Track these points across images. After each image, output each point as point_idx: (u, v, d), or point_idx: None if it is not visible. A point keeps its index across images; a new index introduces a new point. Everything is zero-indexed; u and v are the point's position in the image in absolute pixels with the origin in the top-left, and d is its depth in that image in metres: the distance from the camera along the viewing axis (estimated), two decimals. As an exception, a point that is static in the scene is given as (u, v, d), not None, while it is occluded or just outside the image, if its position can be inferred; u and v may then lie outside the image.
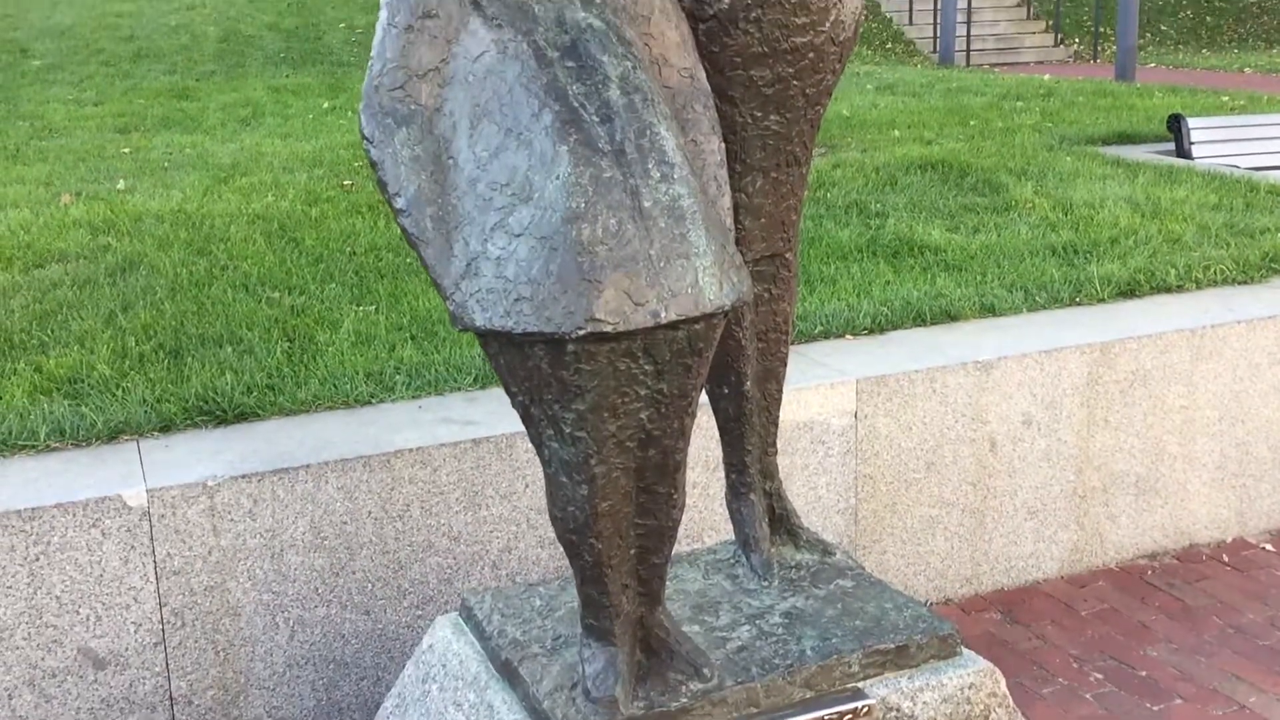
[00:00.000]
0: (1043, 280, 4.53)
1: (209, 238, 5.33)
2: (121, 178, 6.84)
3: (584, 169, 1.83)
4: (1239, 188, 6.01)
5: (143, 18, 14.69)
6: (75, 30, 13.92)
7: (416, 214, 1.90)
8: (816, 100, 2.34)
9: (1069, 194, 5.98)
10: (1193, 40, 17.97)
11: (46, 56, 12.71)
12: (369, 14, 15.77)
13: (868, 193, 6.25)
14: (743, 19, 2.18)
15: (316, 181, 6.67)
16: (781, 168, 2.37)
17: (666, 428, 1.99)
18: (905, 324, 4.19)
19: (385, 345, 3.96)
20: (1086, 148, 7.51)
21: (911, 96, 10.59)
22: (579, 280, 1.79)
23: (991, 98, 10.25)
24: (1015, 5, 19.22)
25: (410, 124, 1.93)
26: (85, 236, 5.30)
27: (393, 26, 1.95)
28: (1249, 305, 4.28)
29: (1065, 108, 9.47)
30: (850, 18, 2.32)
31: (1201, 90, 10.51)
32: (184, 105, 10.24)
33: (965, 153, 7.19)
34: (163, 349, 3.88)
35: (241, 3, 15.79)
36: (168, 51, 13.23)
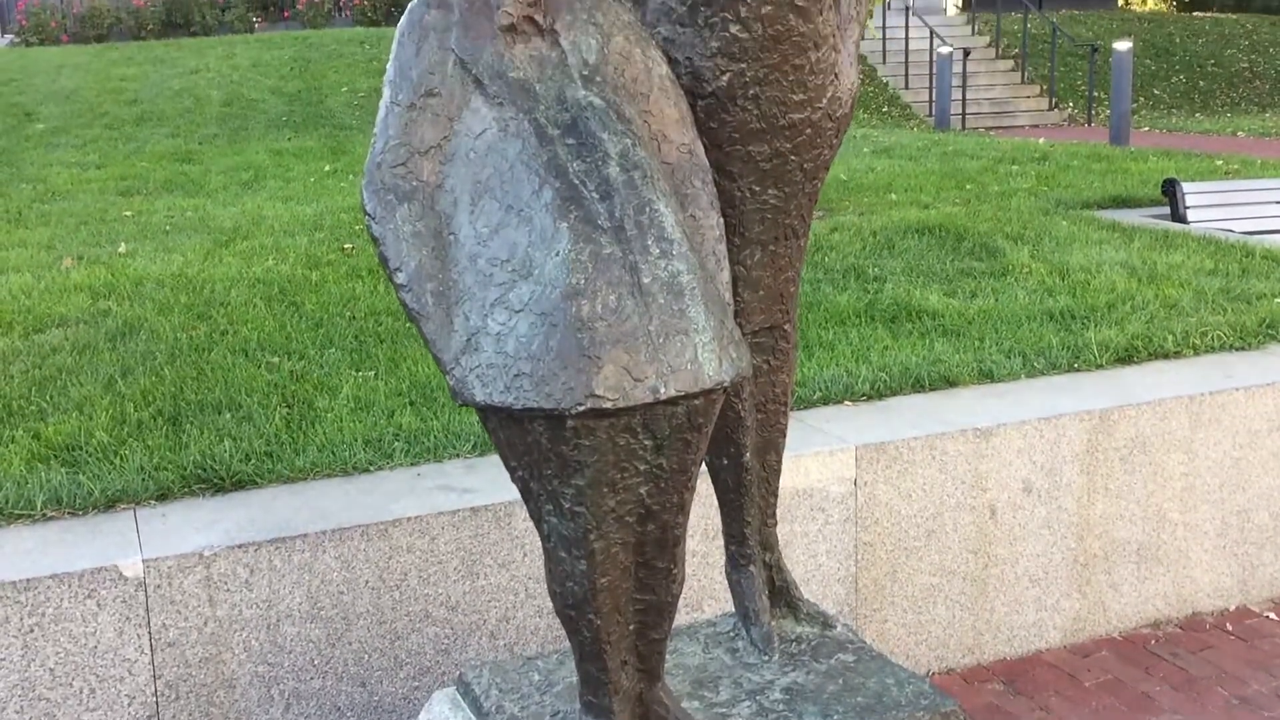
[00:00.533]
0: (1041, 346, 4.54)
1: (209, 302, 5.35)
2: (123, 241, 6.88)
3: (584, 246, 1.84)
4: (1235, 253, 6.04)
5: (147, 82, 14.84)
6: (80, 94, 14.06)
7: (417, 289, 1.91)
8: (814, 174, 2.36)
9: (1065, 259, 6.02)
10: (1186, 104, 18.16)
11: (51, 120, 12.83)
12: (371, 78, 15.94)
13: (865, 257, 6.28)
14: (741, 96, 2.20)
15: (317, 245, 6.70)
16: (780, 241, 2.38)
17: (666, 502, 1.99)
18: (904, 390, 4.19)
19: (384, 411, 3.96)
20: (1082, 212, 7.57)
21: (908, 160, 10.68)
22: (579, 356, 1.80)
23: (987, 161, 10.34)
24: (1010, 70, 19.44)
25: (412, 200, 1.95)
26: (86, 301, 5.31)
27: (395, 105, 1.98)
28: (1247, 372, 4.29)
29: (1060, 171, 9.55)
30: (847, 94, 2.34)
31: (1195, 154, 10.61)
32: (186, 168, 10.32)
33: (962, 217, 7.24)
34: (161, 415, 3.88)
35: (245, 67, 15.96)
36: (171, 115, 13.35)
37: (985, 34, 20.33)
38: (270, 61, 16.32)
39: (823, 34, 2.24)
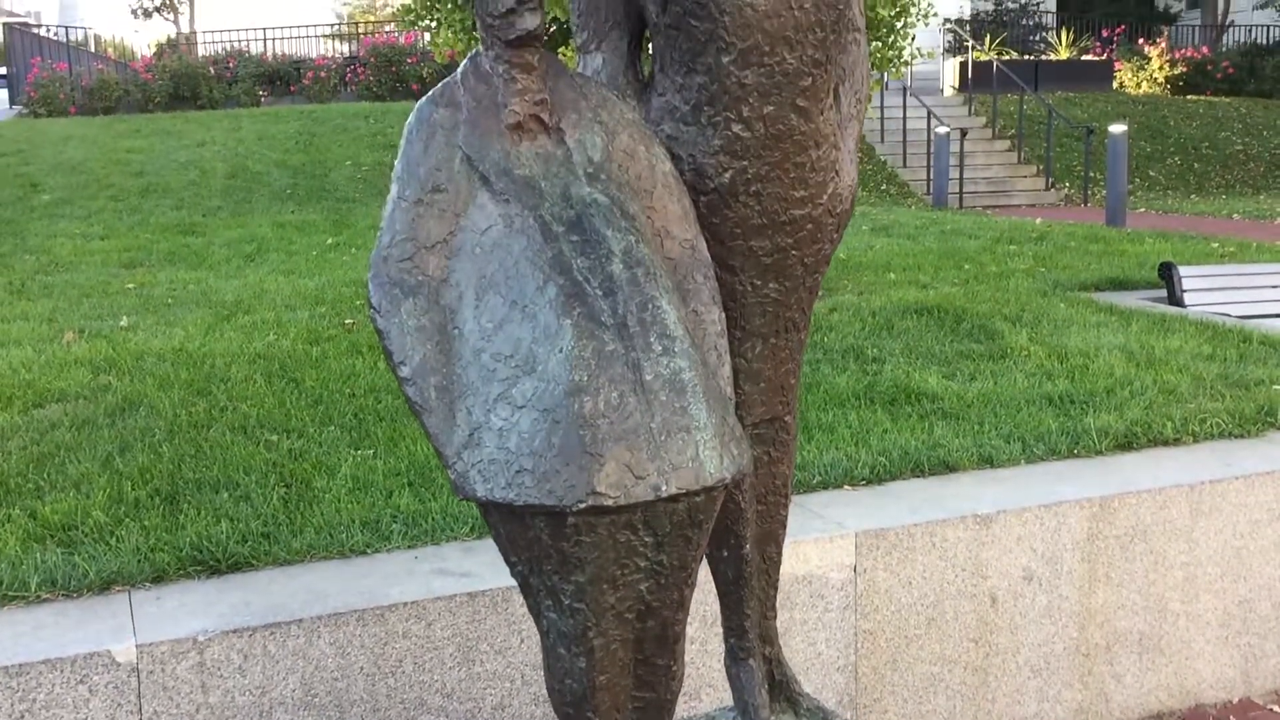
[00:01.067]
0: (1040, 431, 4.54)
1: (209, 378, 5.35)
2: (125, 315, 6.91)
3: (587, 342, 1.85)
4: (1232, 338, 6.07)
5: (153, 154, 15.00)
6: (86, 166, 14.20)
7: (421, 383, 1.92)
8: (815, 269, 2.38)
9: (1064, 341, 6.04)
10: (1181, 186, 18.34)
11: (56, 191, 12.94)
12: (375, 152, 16.13)
13: (865, 337, 6.30)
14: (743, 192, 2.23)
15: (318, 320, 6.73)
16: (780, 333, 2.40)
17: (666, 599, 1.98)
18: (904, 474, 4.19)
19: (382, 492, 3.95)
20: (1080, 294, 7.61)
21: (907, 239, 10.77)
22: (581, 453, 1.80)
23: (985, 241, 10.42)
24: (1007, 150, 19.67)
25: (417, 294, 1.96)
26: (86, 375, 5.32)
27: (402, 200, 2.00)
28: (1246, 460, 4.29)
29: (1058, 252, 9.62)
30: (847, 190, 2.37)
31: (1191, 236, 10.70)
32: (190, 241, 10.39)
33: (961, 297, 7.28)
34: (159, 494, 3.87)
35: (250, 140, 16.15)
36: (176, 187, 13.47)
37: (982, 114, 20.60)
38: (275, 135, 16.51)
39: (823, 133, 2.27)
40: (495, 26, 2.02)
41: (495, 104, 2.05)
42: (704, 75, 2.17)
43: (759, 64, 2.14)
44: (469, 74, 2.08)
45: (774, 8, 2.11)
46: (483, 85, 2.06)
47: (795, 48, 2.15)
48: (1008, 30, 25.08)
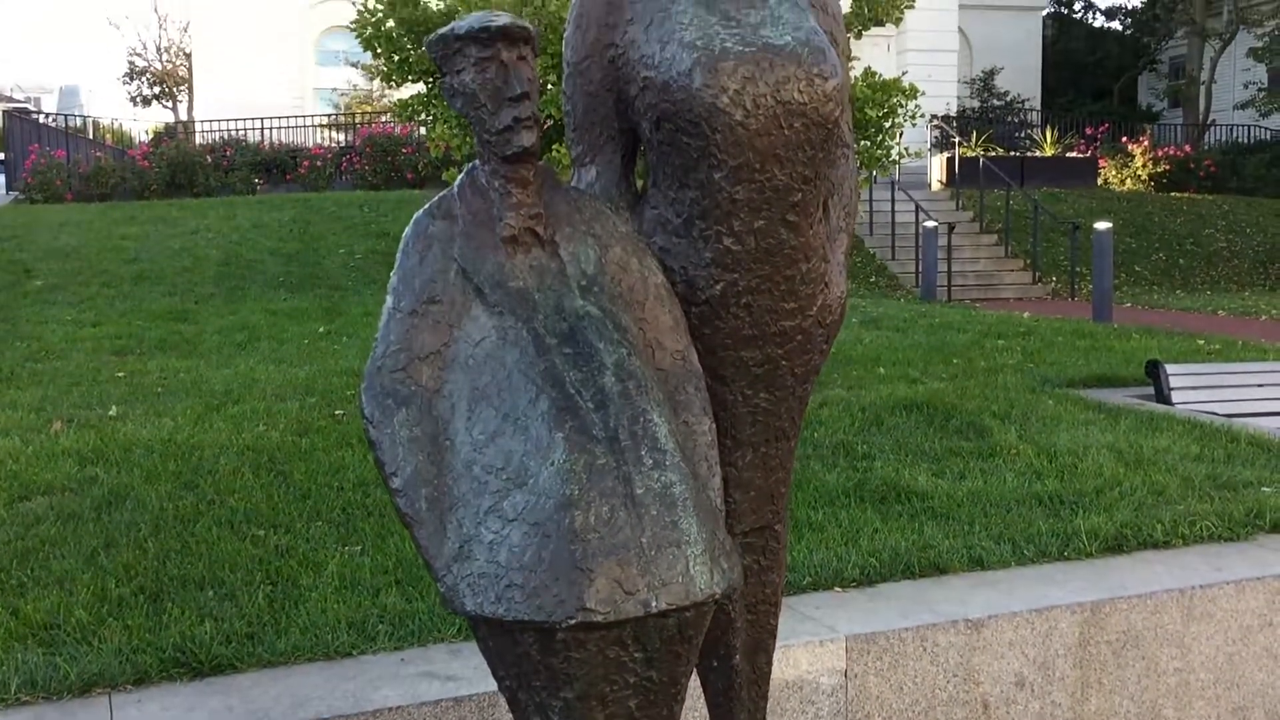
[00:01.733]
0: (1030, 532, 4.53)
1: (197, 470, 5.33)
2: (114, 404, 6.89)
3: (578, 455, 1.86)
4: (1220, 437, 6.09)
5: (147, 240, 15.09)
6: (80, 252, 14.27)
7: (411, 494, 1.92)
8: (805, 379, 2.40)
9: (1053, 440, 6.06)
10: (1166, 281, 18.55)
11: (49, 277, 12.99)
12: (369, 240, 16.24)
13: (855, 433, 6.31)
14: (734, 304, 2.26)
15: (308, 410, 6.72)
16: (770, 442, 2.41)
17: (654, 715, 1.96)
18: (894, 576, 4.17)
19: (369, 590, 3.91)
20: (1068, 390, 7.65)
21: (896, 331, 10.83)
22: (571, 568, 1.80)
23: (974, 335, 10.49)
24: (994, 244, 19.90)
25: (410, 405, 1.97)
26: (73, 467, 5.29)
27: (398, 311, 2.02)
28: (1237, 565, 4.28)
29: (1045, 348, 9.68)
30: (836, 302, 2.40)
31: (1177, 333, 10.79)
32: (181, 328, 10.41)
33: (950, 393, 7.30)
34: (143, 592, 3.83)
35: (245, 227, 16.26)
36: (169, 274, 13.53)
37: (969, 209, 20.86)
38: (270, 222, 16.63)
39: (813, 246, 2.31)
40: (493, 143, 2.06)
41: (491, 217, 2.08)
42: (696, 190, 2.21)
43: (750, 180, 2.18)
44: (465, 187, 2.11)
45: (765, 126, 2.15)
46: (479, 199, 2.09)
47: (785, 165, 2.19)
48: (994, 127, 25.53)
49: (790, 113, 2.16)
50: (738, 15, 2.20)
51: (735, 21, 2.19)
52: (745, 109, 2.13)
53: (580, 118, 2.33)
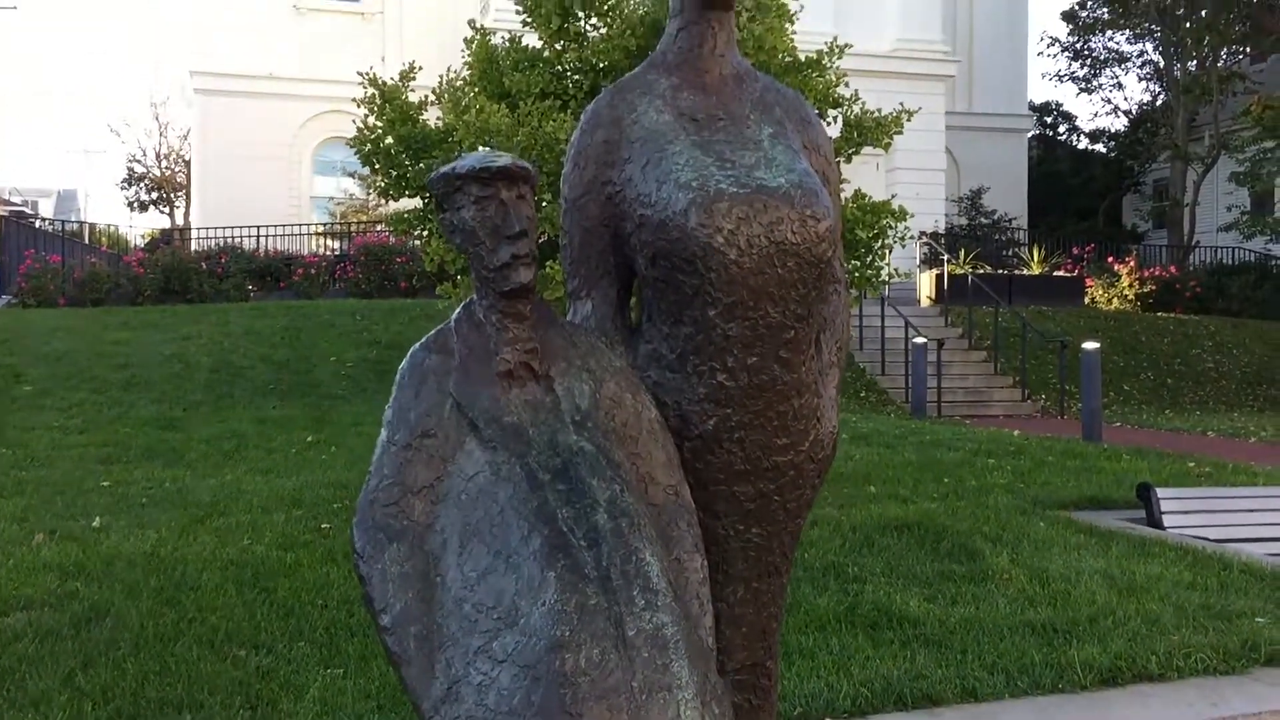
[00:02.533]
0: (1024, 663, 4.47)
1: (180, 585, 5.26)
2: (98, 514, 6.83)
3: (570, 595, 1.84)
4: (1212, 564, 6.06)
5: (138, 346, 15.10)
6: (70, 357, 14.27)
7: (400, 633, 1.89)
8: (796, 514, 2.39)
9: (1045, 564, 6.01)
10: (1155, 401, 18.64)
11: (39, 382, 12.97)
12: (359, 348, 16.28)
13: (845, 554, 6.26)
14: (727, 439, 2.26)
15: (294, 523, 6.66)
16: (763, 578, 2.39)
17: None
18: (886, 707, 4.10)
19: (351, 716, 3.83)
20: (1059, 512, 7.62)
21: (886, 448, 10.82)
22: (560, 712, 1.76)
23: (964, 453, 10.48)
24: (983, 361, 20.02)
25: (401, 540, 1.96)
26: (54, 581, 5.22)
27: (392, 445, 2.02)
28: (1234, 699, 4.22)
29: (1036, 467, 9.67)
30: (828, 437, 2.40)
31: (1168, 454, 10.79)
32: (169, 435, 10.37)
33: (941, 514, 7.27)
34: (120, 715, 3.74)
35: (237, 334, 16.30)
36: (159, 380, 13.52)
37: (958, 325, 21.03)
38: (262, 329, 16.68)
39: (805, 382, 2.32)
40: (491, 278, 2.08)
41: (487, 351, 2.09)
42: (690, 326, 2.22)
43: (743, 318, 2.20)
44: (463, 321, 2.13)
45: (759, 265, 2.18)
46: (475, 333, 2.10)
47: (779, 303, 2.22)
48: (981, 245, 25.89)
49: (783, 252, 2.19)
50: (733, 157, 2.25)
51: (730, 163, 2.23)
52: (739, 248, 2.16)
53: (577, 252, 2.35)
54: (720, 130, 2.29)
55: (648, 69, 2.39)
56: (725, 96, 2.35)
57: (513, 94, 8.38)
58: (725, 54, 2.37)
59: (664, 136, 2.28)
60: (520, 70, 8.43)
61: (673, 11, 2.37)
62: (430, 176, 2.16)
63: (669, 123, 2.29)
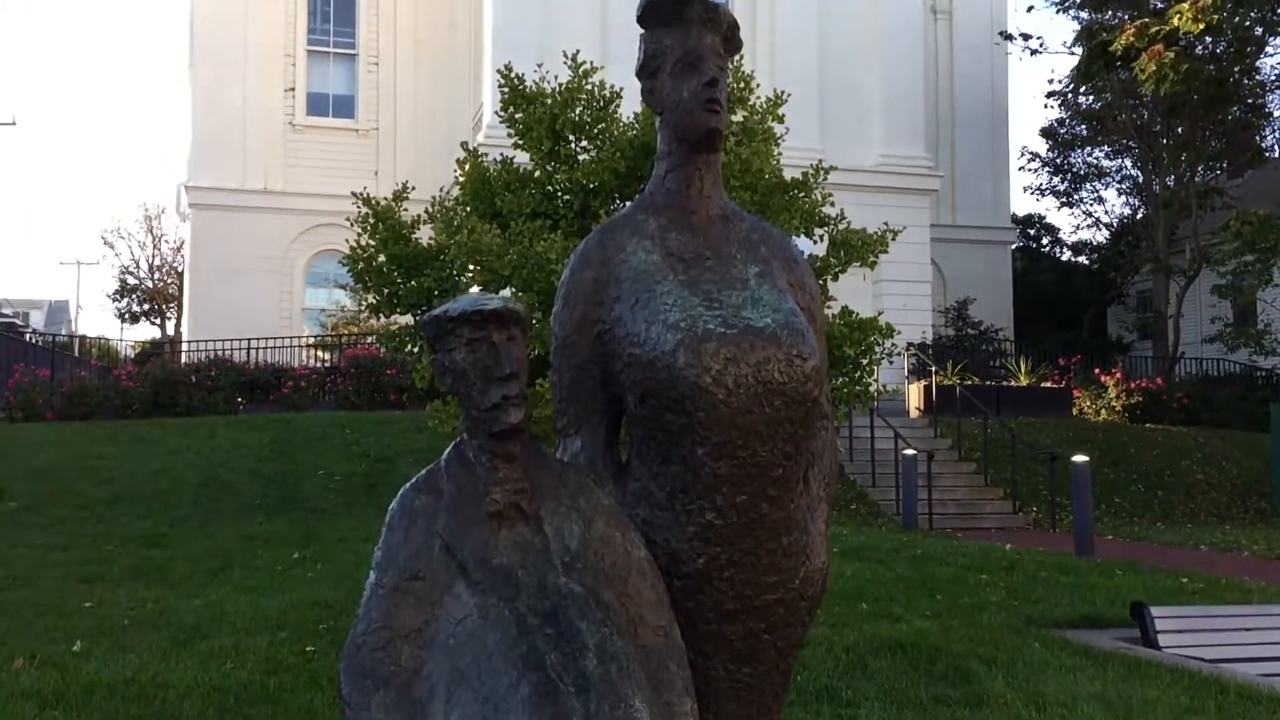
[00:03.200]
0: (1021, 793, 4.38)
1: (160, 714, 5.16)
2: (79, 638, 6.71)
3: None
4: (1209, 687, 5.98)
5: (125, 461, 15.03)
6: (56, 472, 14.18)
7: (385, 782, 1.86)
8: (787, 653, 2.37)
9: (1040, 688, 5.93)
10: (1146, 513, 18.59)
11: (23, 498, 12.87)
12: (348, 461, 16.21)
13: (839, 677, 6.18)
14: (716, 577, 2.25)
15: (278, 646, 6.55)
16: (754, 718, 2.35)
17: None
18: (882, 841, 4.00)
19: None
20: (1053, 631, 7.54)
21: (878, 563, 10.74)
22: None
23: (957, 568, 10.40)
24: (973, 472, 19.99)
25: (389, 685, 1.93)
26: (32, 710, 5.11)
27: (380, 588, 2.00)
28: (1236, 831, 4.13)
29: (1029, 583, 9.59)
30: (818, 573, 2.40)
31: (1161, 570, 10.73)
32: (154, 553, 10.25)
33: (934, 633, 7.19)
34: None
35: (225, 447, 16.24)
36: (144, 495, 13.42)
37: (948, 437, 21.05)
38: (250, 443, 16.62)
39: (795, 519, 2.32)
40: (481, 419, 2.09)
41: (477, 492, 2.09)
42: (679, 465, 2.23)
43: (732, 456, 2.21)
44: (453, 461, 2.13)
45: (746, 405, 2.20)
46: (465, 473, 2.11)
47: (767, 441, 2.23)
48: (969, 356, 26.07)
49: (771, 392, 2.21)
50: (720, 296, 2.28)
51: (718, 303, 2.27)
52: (727, 388, 2.18)
53: (567, 389, 2.37)
54: (707, 269, 2.33)
55: (637, 209, 2.43)
56: (712, 236, 2.39)
57: (504, 213, 8.49)
58: (712, 195, 2.42)
59: (652, 276, 2.31)
60: (511, 190, 8.57)
61: (660, 154, 2.43)
62: (422, 319, 2.19)
63: (657, 262, 2.33)
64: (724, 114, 2.32)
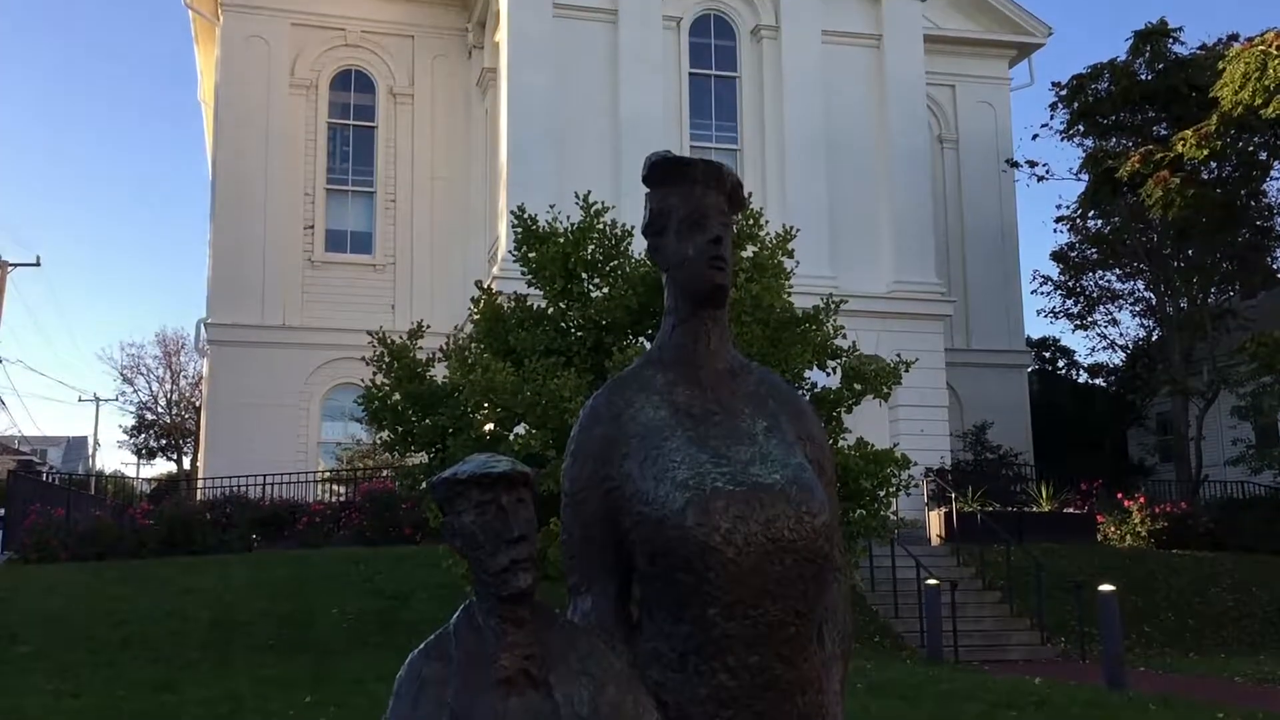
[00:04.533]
0: None
1: None
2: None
3: None
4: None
5: (137, 602, 14.88)
6: (68, 616, 14.05)
7: None
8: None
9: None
10: (1177, 643, 18.16)
11: (35, 642, 12.72)
12: (362, 599, 16.03)
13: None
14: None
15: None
16: None
17: None
18: None
19: None
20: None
21: (903, 700, 10.49)
22: None
23: (985, 705, 10.14)
24: (998, 602, 19.62)
25: None
26: None
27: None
28: None
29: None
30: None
31: (1196, 705, 10.42)
32: (164, 698, 10.08)
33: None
34: None
35: (238, 586, 16.09)
36: (156, 638, 13.26)
37: (970, 565, 20.72)
38: (264, 581, 16.48)
39: (809, 679, 2.25)
40: (490, 582, 2.05)
41: (485, 657, 2.04)
42: (690, 625, 2.18)
43: (743, 616, 2.16)
44: (462, 626, 2.09)
45: (757, 564, 2.16)
46: (474, 637, 2.06)
47: (779, 600, 2.18)
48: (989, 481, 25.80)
49: (781, 549, 2.17)
50: (728, 452, 2.26)
51: (726, 459, 2.24)
52: (737, 546, 2.14)
53: (577, 547, 2.33)
54: (716, 425, 2.31)
55: (645, 365, 2.43)
56: (720, 391, 2.38)
57: (517, 350, 8.54)
58: (719, 350, 2.42)
59: (660, 433, 2.29)
60: (525, 328, 8.63)
61: (668, 309, 2.43)
62: (432, 480, 2.17)
63: (665, 418, 2.32)
64: (729, 271, 2.34)
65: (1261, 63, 21.30)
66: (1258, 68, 21.37)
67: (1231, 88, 21.82)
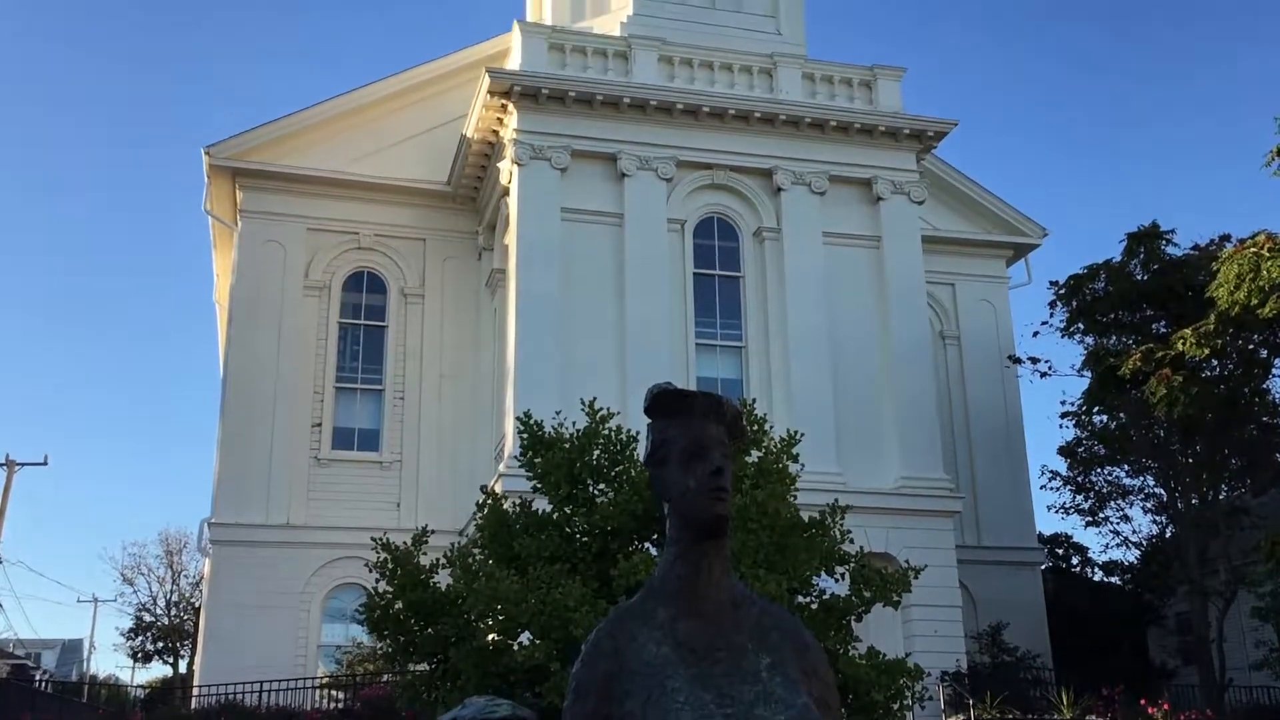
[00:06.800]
0: None
1: None
2: None
3: None
4: None
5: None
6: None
7: None
8: None
9: None
10: None
11: None
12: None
13: None
14: None
15: None
16: None
17: None
18: None
19: None
20: None
21: None
22: None
23: None
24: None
25: None
26: None
27: None
28: None
29: None
30: None
31: None
32: None
33: None
34: None
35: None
36: None
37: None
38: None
39: None
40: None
41: None
42: None
43: None
44: None
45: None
46: None
47: None
48: (1007, 686, 24.99)
49: (791, 797, 2.07)
50: (732, 692, 2.19)
51: (730, 699, 2.17)
52: (744, 795, 2.04)
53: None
54: (719, 663, 2.25)
55: (647, 596, 2.38)
56: (723, 625, 2.33)
57: (522, 556, 8.43)
58: (721, 580, 2.37)
59: (663, 670, 2.23)
60: (530, 533, 8.54)
61: (669, 539, 2.40)
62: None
63: (668, 655, 2.26)
64: (729, 501, 2.32)
65: (1255, 264, 21.70)
66: (1251, 269, 21.76)
67: (1227, 288, 22.17)
